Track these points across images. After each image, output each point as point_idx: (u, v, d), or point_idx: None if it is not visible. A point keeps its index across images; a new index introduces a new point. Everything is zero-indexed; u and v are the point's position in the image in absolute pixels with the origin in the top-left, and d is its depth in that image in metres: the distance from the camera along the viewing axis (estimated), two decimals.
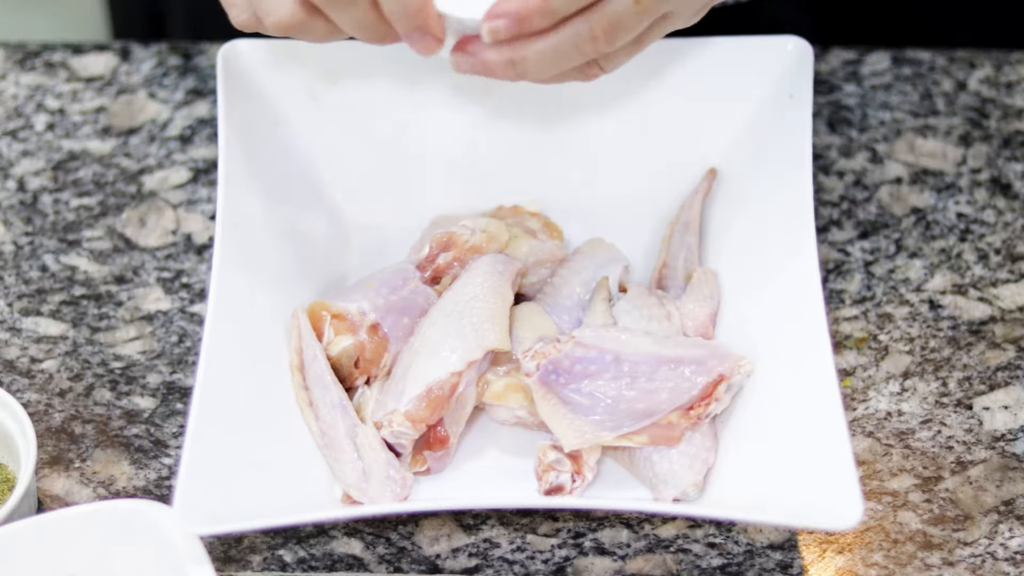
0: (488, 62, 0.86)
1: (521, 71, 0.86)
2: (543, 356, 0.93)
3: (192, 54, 1.19)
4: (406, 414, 0.92)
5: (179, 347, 1.02)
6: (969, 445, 0.97)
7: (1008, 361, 1.01)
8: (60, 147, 1.13)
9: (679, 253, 1.02)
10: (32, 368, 1.01)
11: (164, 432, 0.98)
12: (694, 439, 0.93)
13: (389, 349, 0.96)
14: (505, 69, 0.86)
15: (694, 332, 0.98)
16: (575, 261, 1.01)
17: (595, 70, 0.88)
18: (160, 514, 0.85)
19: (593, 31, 0.84)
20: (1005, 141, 1.12)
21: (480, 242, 0.99)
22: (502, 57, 0.86)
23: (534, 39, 0.85)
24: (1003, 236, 1.07)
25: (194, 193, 1.11)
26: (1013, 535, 0.93)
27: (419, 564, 0.92)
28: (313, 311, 0.97)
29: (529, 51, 0.85)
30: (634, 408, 0.92)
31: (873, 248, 1.06)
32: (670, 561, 0.92)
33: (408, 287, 0.98)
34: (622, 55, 0.88)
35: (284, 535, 0.93)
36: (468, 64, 0.87)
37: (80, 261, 1.07)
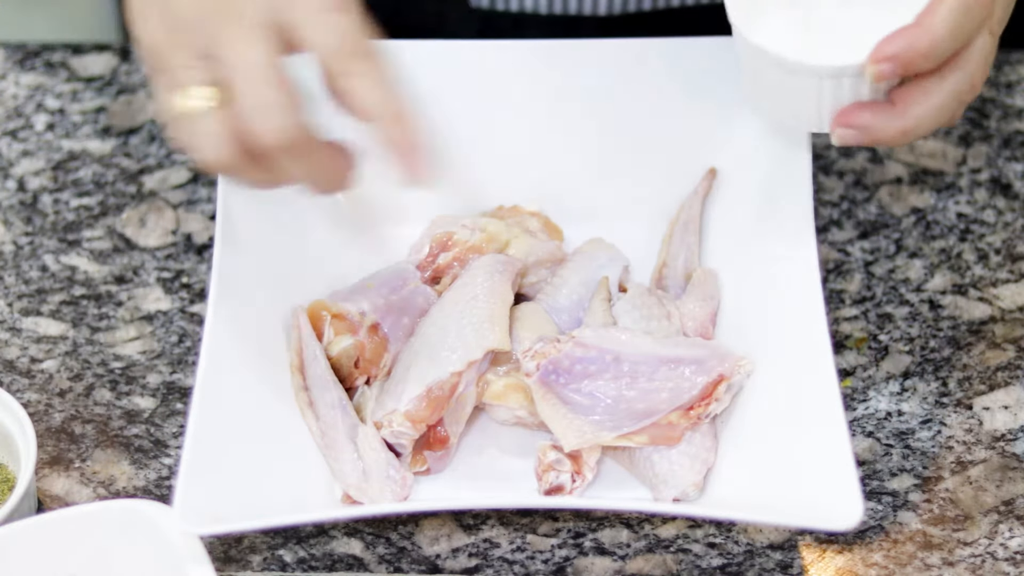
0: (876, 132, 0.86)
1: (911, 138, 0.86)
2: (543, 356, 0.93)
3: None
4: (406, 414, 0.92)
5: (179, 347, 1.02)
6: (969, 445, 0.97)
7: (1008, 361, 1.01)
8: (60, 147, 1.13)
9: (679, 253, 1.02)
10: (32, 368, 1.01)
11: (164, 432, 0.98)
12: (694, 439, 0.93)
13: (389, 349, 0.96)
14: (897, 138, 0.86)
15: (694, 332, 0.98)
16: (575, 261, 1.01)
17: (961, 114, 0.88)
18: (160, 514, 0.85)
19: (972, 78, 0.85)
20: (1005, 141, 1.12)
21: (480, 242, 0.99)
22: (893, 127, 0.85)
23: (918, 102, 0.85)
24: (1003, 236, 1.07)
25: (194, 193, 1.11)
26: (1013, 535, 0.93)
27: (419, 564, 0.92)
28: (313, 311, 0.97)
29: (917, 117, 0.85)
30: (634, 408, 0.92)
31: (873, 248, 1.06)
32: (670, 561, 0.92)
33: (408, 287, 0.98)
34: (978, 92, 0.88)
35: (284, 535, 0.93)
36: (854, 137, 0.87)
37: (80, 261, 1.07)
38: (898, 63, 0.83)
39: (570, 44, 1.03)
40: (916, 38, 0.83)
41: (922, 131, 0.86)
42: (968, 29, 0.84)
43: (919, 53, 0.83)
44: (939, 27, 0.83)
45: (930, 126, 0.86)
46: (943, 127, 0.90)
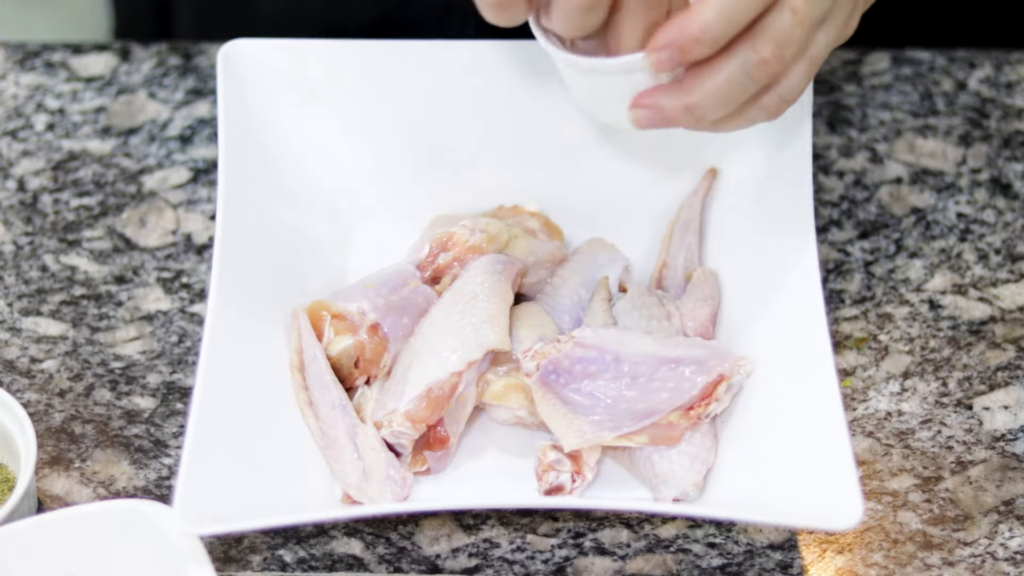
0: (666, 111, 0.86)
1: (699, 114, 0.86)
2: (543, 356, 0.93)
3: (192, 54, 1.19)
4: (406, 414, 0.92)
5: (179, 347, 1.02)
6: (969, 445, 0.97)
7: (1008, 361, 1.01)
8: (60, 147, 1.13)
9: (679, 253, 1.02)
10: (32, 368, 1.01)
11: (164, 432, 0.98)
12: (694, 439, 0.93)
13: (389, 349, 0.96)
14: (684, 115, 0.86)
15: (694, 332, 0.98)
16: (575, 261, 1.01)
17: (776, 101, 0.87)
18: (160, 514, 0.85)
19: (760, 53, 0.84)
20: (1005, 141, 1.12)
21: (480, 242, 0.99)
22: (679, 103, 0.85)
23: (704, 78, 0.84)
24: (1003, 236, 1.07)
25: (194, 193, 1.11)
26: (1013, 535, 0.93)
27: (419, 564, 0.92)
28: (313, 311, 0.97)
29: (702, 91, 0.85)
30: (634, 408, 0.92)
31: (873, 248, 1.06)
32: (670, 561, 0.92)
33: (408, 287, 0.98)
34: (798, 78, 0.87)
35: (284, 535, 0.93)
36: (647, 117, 0.87)
37: (80, 261, 1.07)
38: (675, 49, 0.83)
39: None
40: (687, 24, 0.83)
41: (709, 107, 0.85)
42: (741, 10, 0.83)
43: (692, 38, 0.83)
44: (708, 11, 0.82)
45: (717, 101, 0.85)
46: (758, 120, 0.88)
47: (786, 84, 0.86)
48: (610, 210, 1.05)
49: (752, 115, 0.88)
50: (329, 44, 1.03)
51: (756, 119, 0.88)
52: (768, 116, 0.88)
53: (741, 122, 0.88)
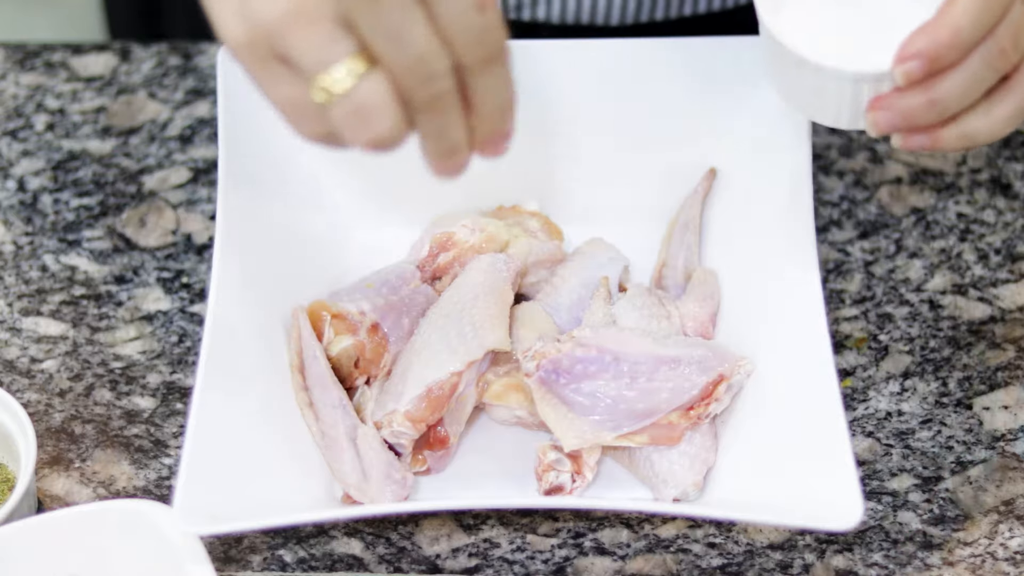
0: (907, 111, 0.84)
1: (942, 109, 0.84)
2: (543, 356, 0.93)
3: (192, 54, 1.19)
4: (406, 414, 0.92)
5: (179, 347, 1.02)
6: (969, 445, 0.97)
7: (1008, 361, 1.01)
8: (60, 147, 1.13)
9: (679, 253, 1.02)
10: (32, 368, 1.01)
11: (164, 432, 0.98)
12: (694, 439, 0.93)
13: (389, 349, 0.96)
14: (927, 112, 0.84)
15: (694, 332, 0.98)
16: (575, 261, 1.01)
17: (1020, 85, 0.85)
18: (160, 514, 0.85)
19: (1000, 44, 0.83)
20: (1005, 141, 1.12)
21: (480, 242, 0.99)
22: (922, 100, 0.84)
23: (945, 75, 0.83)
24: (1003, 236, 1.07)
25: (194, 193, 1.11)
26: (1013, 535, 0.93)
27: (419, 564, 0.92)
28: (313, 311, 0.97)
29: (943, 86, 0.83)
30: (634, 408, 0.92)
31: (873, 248, 1.06)
32: (670, 561, 0.92)
33: (408, 287, 0.98)
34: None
35: (284, 535, 0.93)
36: (887, 120, 0.85)
37: (80, 261, 1.07)
38: (925, 60, 0.82)
39: (570, 44, 1.03)
40: (939, 31, 0.82)
41: (953, 102, 0.84)
42: (991, 15, 0.82)
43: (943, 46, 0.82)
44: (960, 17, 0.81)
45: (961, 95, 0.84)
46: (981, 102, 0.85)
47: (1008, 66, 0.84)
48: (610, 210, 1.05)
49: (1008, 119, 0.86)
50: None
51: (1015, 122, 0.86)
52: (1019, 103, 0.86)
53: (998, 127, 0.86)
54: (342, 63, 0.75)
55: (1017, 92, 0.85)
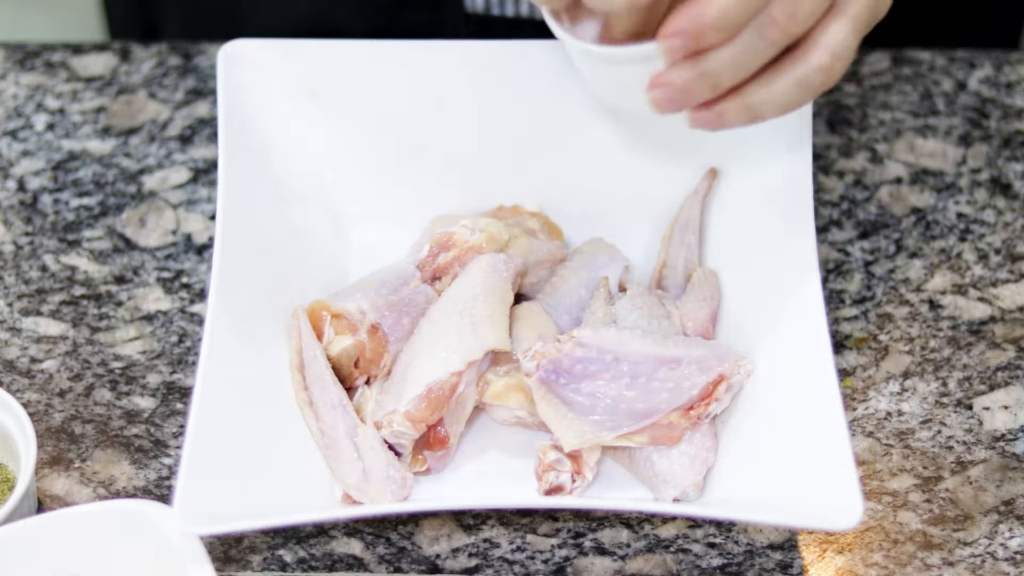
0: (681, 85, 0.83)
1: (715, 81, 0.83)
2: (543, 356, 0.93)
3: (192, 54, 1.19)
4: (406, 414, 0.92)
5: (179, 347, 1.02)
6: (969, 445, 0.97)
7: (1008, 361, 1.01)
8: (60, 147, 1.13)
9: (679, 253, 1.02)
10: (32, 368, 1.01)
11: (164, 432, 0.98)
12: (694, 439, 0.93)
13: (389, 349, 0.96)
14: (700, 85, 0.83)
15: (694, 332, 0.98)
16: (575, 261, 1.01)
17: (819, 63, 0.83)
18: (160, 514, 0.85)
19: (772, 14, 0.81)
20: (1005, 141, 1.12)
21: (480, 242, 0.99)
22: (693, 73, 0.83)
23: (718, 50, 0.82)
24: (1003, 236, 1.07)
25: (194, 193, 1.11)
26: (1013, 535, 0.93)
27: (419, 564, 0.92)
28: (313, 311, 0.97)
29: (716, 57, 0.82)
30: (634, 408, 0.92)
31: (873, 248, 1.06)
32: (670, 561, 0.92)
33: (408, 287, 0.98)
34: (837, 33, 0.83)
35: (284, 535, 0.93)
36: (665, 96, 0.84)
37: (80, 261, 1.07)
38: (687, 37, 0.81)
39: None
40: (703, 9, 0.81)
41: (725, 72, 0.82)
42: None
43: (707, 24, 0.81)
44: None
45: (732, 66, 0.82)
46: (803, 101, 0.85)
47: (826, 39, 0.83)
48: (610, 210, 1.05)
49: (801, 97, 0.84)
50: (329, 44, 1.03)
51: (800, 95, 0.84)
52: (816, 84, 0.84)
53: (781, 99, 0.84)
54: None
55: (799, 63, 0.84)
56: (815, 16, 0.83)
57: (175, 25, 1.33)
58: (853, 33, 0.84)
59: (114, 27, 1.41)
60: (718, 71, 0.83)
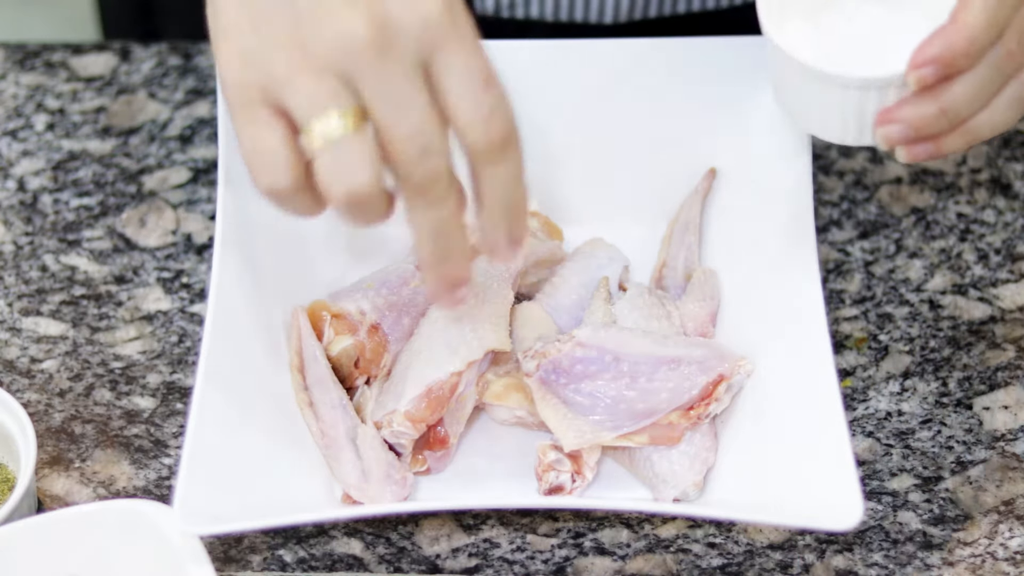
0: (919, 121, 0.83)
1: (953, 116, 0.83)
2: (543, 356, 0.93)
3: (192, 54, 1.19)
4: (406, 414, 0.92)
5: (179, 347, 1.02)
6: (969, 445, 0.97)
7: (1008, 361, 1.01)
8: (60, 147, 1.13)
9: (679, 253, 1.02)
10: (32, 368, 1.01)
11: (164, 432, 0.98)
12: (694, 439, 0.93)
13: (389, 349, 0.96)
14: (937, 121, 0.83)
15: (694, 332, 0.98)
16: (575, 261, 1.01)
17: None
18: (160, 514, 0.85)
19: (1008, 47, 0.82)
20: (1005, 141, 1.12)
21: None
22: (932, 109, 0.83)
23: (954, 80, 0.82)
24: (1003, 236, 1.07)
25: (194, 193, 1.11)
26: (1013, 535, 0.93)
27: (419, 564, 0.92)
28: (313, 311, 0.97)
29: (955, 92, 0.82)
30: (634, 408, 0.92)
31: (873, 248, 1.06)
32: (670, 561, 0.92)
33: (408, 287, 0.98)
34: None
35: (284, 535, 0.93)
36: (900, 133, 0.84)
37: (80, 261, 1.07)
38: (939, 65, 0.81)
39: (570, 44, 1.03)
40: (954, 37, 0.81)
41: (963, 108, 0.83)
42: (1003, 16, 0.81)
43: (959, 52, 0.81)
44: (974, 21, 0.81)
45: (970, 101, 0.83)
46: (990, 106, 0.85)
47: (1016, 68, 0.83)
48: (610, 210, 1.05)
49: (1006, 109, 0.85)
50: None
51: (1015, 113, 0.85)
52: None
53: (999, 118, 0.85)
54: (338, 112, 0.76)
55: (1015, 81, 0.85)
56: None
57: (174, 25, 1.33)
58: None
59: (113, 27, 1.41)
60: (957, 107, 0.83)
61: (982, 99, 0.84)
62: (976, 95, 0.83)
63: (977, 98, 0.84)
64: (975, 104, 0.84)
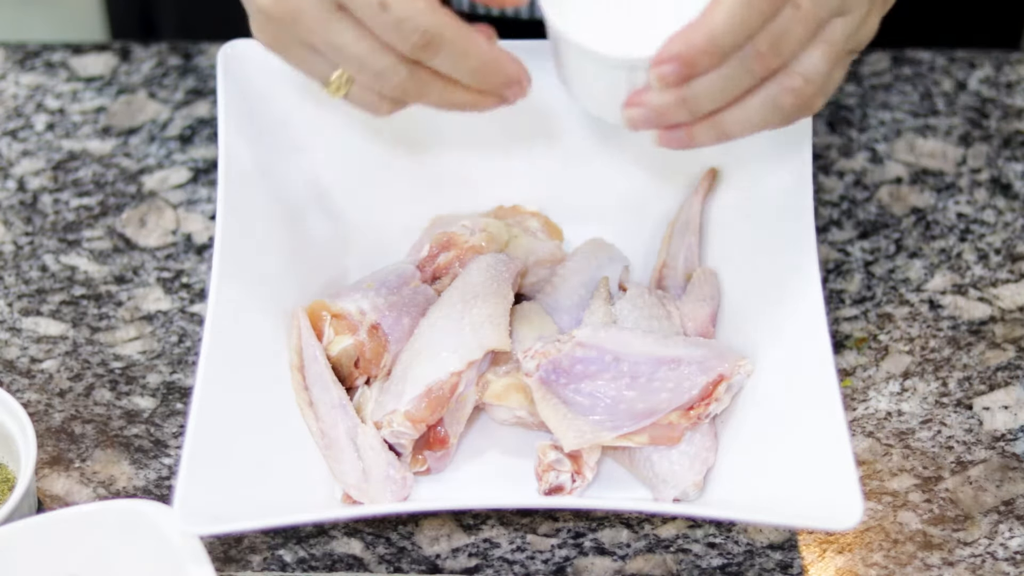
0: (659, 108, 0.83)
1: (694, 107, 0.83)
2: (543, 356, 0.93)
3: (192, 54, 1.19)
4: (406, 414, 0.92)
5: (179, 347, 1.02)
6: (969, 445, 0.97)
7: (1008, 361, 1.01)
8: (60, 147, 1.13)
9: (679, 253, 1.02)
10: (32, 368, 1.01)
11: (164, 432, 0.98)
12: (694, 439, 0.93)
13: (389, 349, 0.96)
14: (679, 110, 0.83)
15: (694, 332, 0.98)
16: (575, 261, 1.01)
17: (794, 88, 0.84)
18: (160, 514, 0.85)
19: (759, 48, 0.82)
20: (1005, 141, 1.12)
21: (480, 242, 0.99)
22: (673, 98, 0.83)
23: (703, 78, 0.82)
24: (1003, 236, 1.07)
25: (194, 193, 1.11)
26: (1013, 535, 0.93)
27: (419, 564, 0.92)
28: (313, 311, 0.97)
29: (700, 86, 0.82)
30: (634, 408, 0.92)
31: (873, 248, 1.06)
32: (670, 561, 0.92)
33: (408, 287, 0.98)
34: (814, 60, 0.83)
35: (284, 535, 0.93)
36: (641, 116, 0.84)
37: (80, 261, 1.07)
38: (680, 64, 0.81)
39: None
40: (695, 36, 0.80)
41: (704, 100, 0.83)
42: (752, 19, 0.80)
43: (699, 50, 0.81)
44: (718, 22, 0.80)
45: (713, 95, 0.82)
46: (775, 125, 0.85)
47: (799, 62, 0.83)
48: (610, 210, 1.05)
49: (760, 110, 0.85)
50: None
51: (770, 115, 0.85)
52: (787, 105, 0.84)
53: (751, 118, 0.85)
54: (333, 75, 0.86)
55: (770, 84, 0.84)
56: (799, 49, 0.83)
57: (174, 25, 1.33)
58: (827, 57, 0.84)
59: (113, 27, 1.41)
60: (699, 98, 0.83)
61: (727, 95, 0.83)
62: (721, 90, 0.83)
63: (721, 93, 0.83)
64: (719, 98, 0.83)
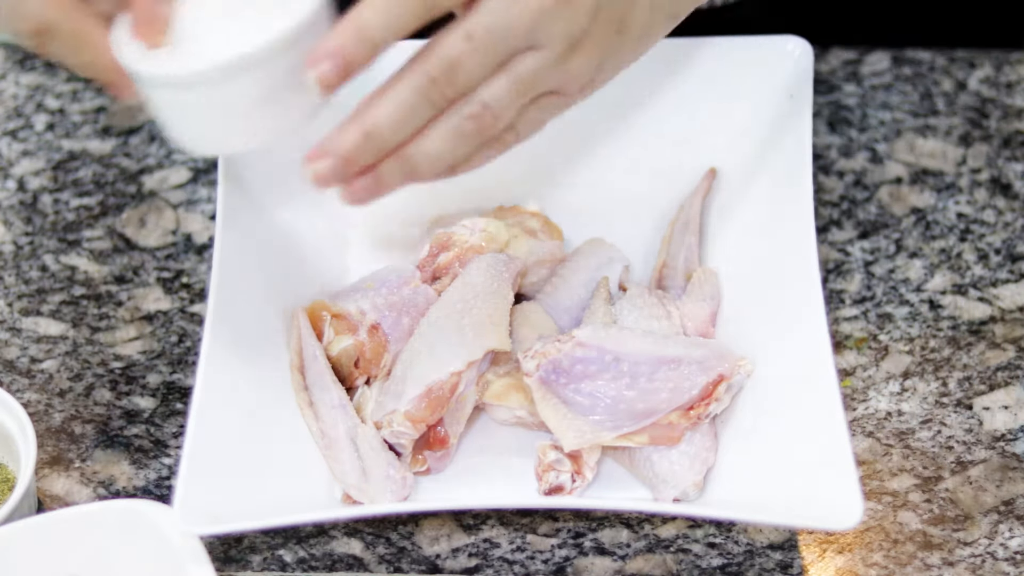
0: (345, 152, 0.78)
1: (379, 140, 0.78)
2: (543, 356, 0.93)
3: None
4: (406, 414, 0.92)
5: (179, 347, 1.02)
6: (969, 445, 0.97)
7: (1008, 361, 1.01)
8: (60, 147, 1.13)
9: (679, 253, 1.02)
10: (32, 368, 1.01)
11: (164, 432, 0.98)
12: (694, 439, 0.93)
13: (389, 349, 0.96)
14: (364, 147, 0.78)
15: (694, 332, 0.98)
16: (575, 261, 1.01)
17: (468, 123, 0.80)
18: (160, 514, 0.85)
19: (429, 73, 0.78)
20: (1005, 141, 1.12)
21: (480, 242, 0.99)
22: (358, 134, 0.78)
23: (375, 103, 0.78)
24: (1003, 236, 1.07)
25: (194, 193, 1.11)
26: (1013, 535, 0.93)
27: (419, 564, 0.92)
28: (313, 311, 0.97)
29: (377, 115, 0.78)
30: (634, 408, 0.92)
31: (873, 248, 1.06)
32: (670, 561, 0.92)
33: (408, 287, 0.98)
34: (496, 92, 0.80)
35: (284, 535, 0.93)
36: (329, 168, 0.79)
37: (80, 261, 1.07)
38: (339, 59, 0.77)
39: None
40: (344, 28, 0.77)
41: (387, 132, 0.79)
42: (406, 11, 0.77)
43: (352, 41, 0.77)
44: (365, 10, 0.76)
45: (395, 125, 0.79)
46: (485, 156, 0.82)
47: (480, 91, 0.80)
48: (610, 210, 1.05)
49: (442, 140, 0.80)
50: None
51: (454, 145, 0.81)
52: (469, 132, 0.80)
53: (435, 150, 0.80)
54: None
55: (450, 113, 0.80)
56: (478, 78, 0.79)
57: None
58: (513, 90, 0.81)
59: None
60: (381, 129, 0.79)
61: (409, 125, 0.79)
62: (402, 119, 0.79)
63: (403, 122, 0.79)
64: (401, 128, 0.79)
